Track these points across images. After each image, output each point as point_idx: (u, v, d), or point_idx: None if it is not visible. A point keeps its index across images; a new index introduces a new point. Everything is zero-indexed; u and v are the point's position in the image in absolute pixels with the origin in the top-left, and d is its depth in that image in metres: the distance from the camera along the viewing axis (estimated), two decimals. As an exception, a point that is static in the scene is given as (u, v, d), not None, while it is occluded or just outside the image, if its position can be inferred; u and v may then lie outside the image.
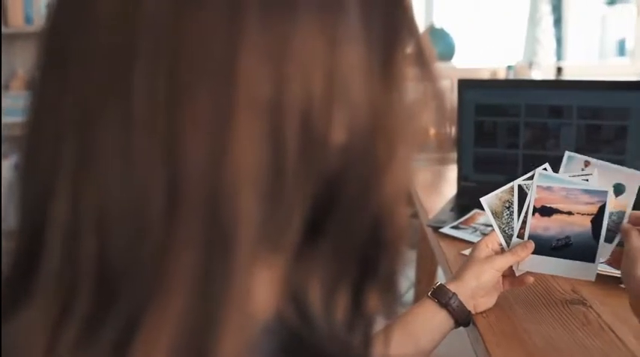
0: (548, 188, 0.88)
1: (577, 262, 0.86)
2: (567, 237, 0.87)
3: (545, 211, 0.88)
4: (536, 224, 0.89)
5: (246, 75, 0.30)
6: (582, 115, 1.34)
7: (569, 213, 0.87)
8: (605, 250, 0.85)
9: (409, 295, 2.44)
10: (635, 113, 1.29)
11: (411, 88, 0.37)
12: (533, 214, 0.89)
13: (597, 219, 0.85)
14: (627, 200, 0.86)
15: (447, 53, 3.35)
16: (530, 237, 0.89)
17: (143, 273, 0.31)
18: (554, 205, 0.88)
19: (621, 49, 3.74)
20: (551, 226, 0.88)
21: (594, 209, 0.85)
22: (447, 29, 3.42)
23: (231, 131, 0.30)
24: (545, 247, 0.88)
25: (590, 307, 0.91)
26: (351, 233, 0.36)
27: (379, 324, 0.41)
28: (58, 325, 0.31)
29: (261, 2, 0.31)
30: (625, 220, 0.84)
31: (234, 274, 0.31)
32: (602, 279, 0.96)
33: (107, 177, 0.31)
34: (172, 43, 0.30)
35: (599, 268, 0.94)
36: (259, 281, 0.34)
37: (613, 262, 0.85)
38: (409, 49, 0.37)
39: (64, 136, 0.32)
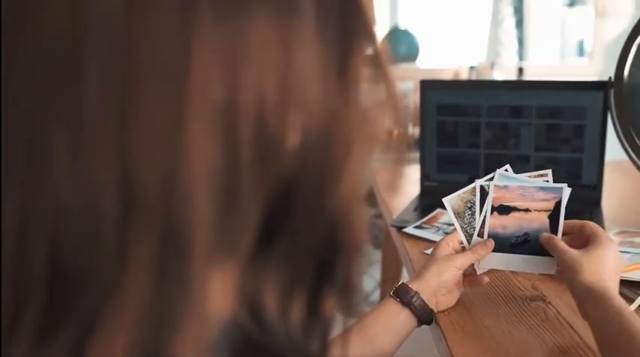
0: (505, 187, 0.90)
1: (536, 257, 0.88)
2: (526, 233, 0.88)
3: (502, 210, 0.90)
4: (495, 223, 0.90)
5: (199, 77, 0.30)
6: (541, 114, 1.36)
7: (527, 210, 0.88)
8: (550, 263, 0.87)
9: (376, 295, 2.45)
10: (592, 112, 1.31)
11: (367, 89, 0.37)
12: (491, 213, 0.90)
13: (554, 214, 0.87)
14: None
15: (412, 54, 3.38)
16: (490, 236, 0.90)
17: (98, 277, 0.30)
18: (511, 204, 0.89)
19: (581, 50, 3.81)
20: (509, 224, 0.89)
21: (551, 205, 0.87)
22: (412, 30, 3.45)
23: (184, 134, 0.30)
24: (504, 244, 0.89)
25: (550, 303, 0.93)
26: (307, 236, 0.36)
27: (341, 326, 0.41)
28: (12, 327, 0.30)
29: (215, 5, 0.31)
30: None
31: (190, 278, 0.31)
32: (560, 275, 0.98)
33: (58, 181, 0.30)
34: (123, 44, 0.30)
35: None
36: (215, 285, 0.34)
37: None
38: (365, 52, 0.37)
39: (13, 138, 0.31)
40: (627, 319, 0.66)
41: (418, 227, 1.24)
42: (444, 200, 0.94)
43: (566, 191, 0.87)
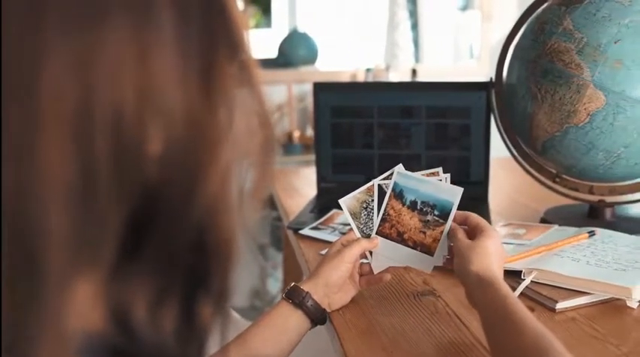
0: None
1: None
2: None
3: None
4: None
5: (51, 86, 0.29)
6: (430, 114, 1.41)
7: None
8: (435, 259, 0.91)
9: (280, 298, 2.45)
10: (476, 112, 1.37)
11: (234, 94, 0.37)
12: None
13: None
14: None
15: (311, 57, 3.41)
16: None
17: None
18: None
19: (472, 52, 3.98)
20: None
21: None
22: (310, 34, 3.48)
23: (37, 145, 0.29)
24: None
25: (440, 296, 0.96)
26: (174, 243, 0.36)
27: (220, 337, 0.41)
28: None
29: (64, 19, 0.30)
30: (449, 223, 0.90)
31: (46, 293, 0.30)
32: (450, 270, 1.01)
33: None
34: None
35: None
36: (78, 297, 0.33)
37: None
38: (233, 58, 0.37)
39: None
40: (512, 303, 0.70)
41: (314, 228, 1.25)
42: (340, 201, 0.95)
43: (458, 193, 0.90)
